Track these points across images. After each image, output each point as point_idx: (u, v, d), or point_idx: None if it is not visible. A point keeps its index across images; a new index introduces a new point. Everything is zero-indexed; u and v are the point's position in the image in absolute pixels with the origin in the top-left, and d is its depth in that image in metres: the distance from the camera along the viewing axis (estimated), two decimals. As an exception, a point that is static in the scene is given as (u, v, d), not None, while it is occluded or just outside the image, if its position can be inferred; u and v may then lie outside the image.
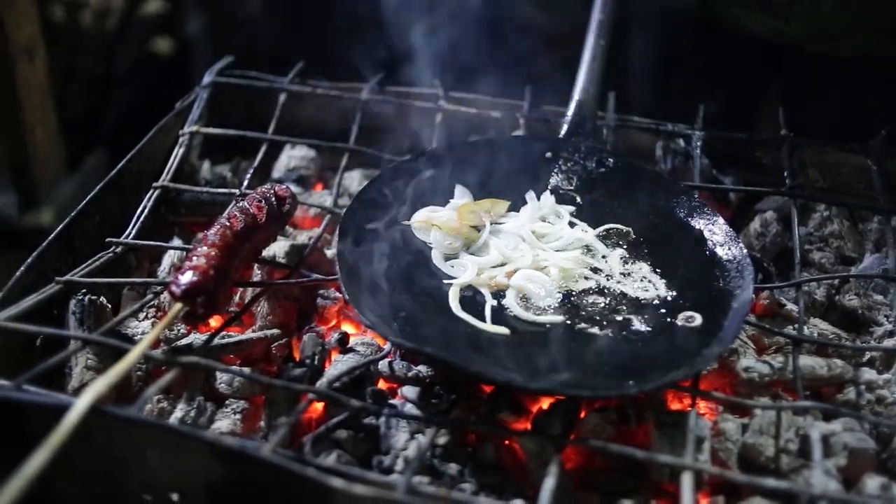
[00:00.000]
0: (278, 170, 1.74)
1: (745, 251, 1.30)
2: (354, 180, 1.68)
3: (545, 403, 1.18)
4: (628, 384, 1.11)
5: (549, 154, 1.54)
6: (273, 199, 1.33)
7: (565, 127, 1.56)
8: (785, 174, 1.53)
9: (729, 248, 1.33)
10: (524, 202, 1.47)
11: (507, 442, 1.14)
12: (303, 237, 1.52)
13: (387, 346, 1.25)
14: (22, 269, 1.28)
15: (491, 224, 1.40)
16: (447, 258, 1.36)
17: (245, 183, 1.54)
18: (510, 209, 1.46)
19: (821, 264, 1.50)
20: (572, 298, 1.29)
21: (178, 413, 1.20)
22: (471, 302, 1.28)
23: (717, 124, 1.66)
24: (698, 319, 1.24)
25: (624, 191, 1.48)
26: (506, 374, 1.12)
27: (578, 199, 1.49)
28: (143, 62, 3.19)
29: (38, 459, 0.83)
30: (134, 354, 1.03)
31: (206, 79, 1.75)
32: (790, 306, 1.36)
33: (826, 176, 1.64)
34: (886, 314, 1.39)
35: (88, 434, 0.98)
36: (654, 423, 1.14)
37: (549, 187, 1.50)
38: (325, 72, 1.80)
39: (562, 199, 1.49)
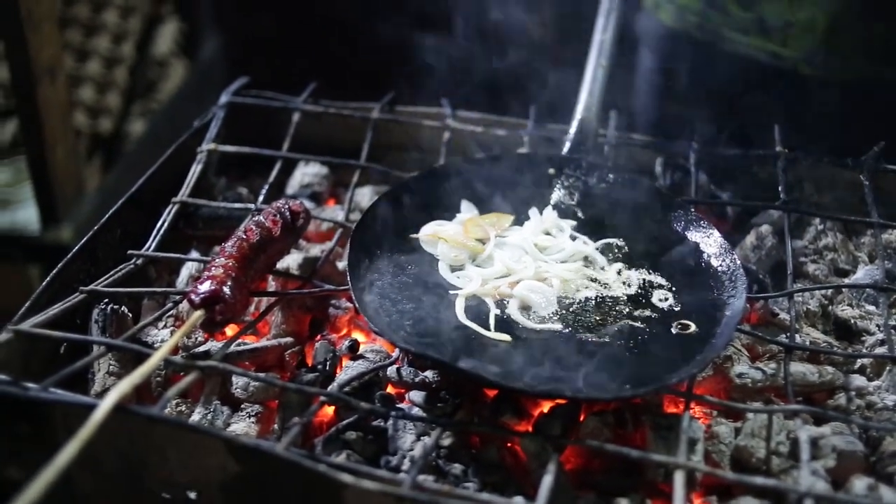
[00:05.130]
0: (292, 186, 1.80)
1: (738, 262, 1.35)
2: (365, 196, 1.74)
3: (546, 407, 1.23)
4: (624, 388, 1.17)
5: (552, 170, 1.59)
6: (287, 213, 1.39)
7: (568, 144, 1.62)
8: (780, 189, 1.58)
9: (723, 260, 1.38)
10: (528, 217, 1.53)
11: (508, 443, 1.20)
12: (316, 250, 1.58)
13: (395, 353, 1.30)
14: (48, 279, 1.33)
15: (495, 237, 1.46)
16: (453, 269, 1.42)
17: (260, 198, 1.60)
18: (514, 223, 1.51)
19: (815, 276, 1.54)
20: (572, 307, 1.35)
21: (195, 416, 1.26)
22: (476, 311, 1.33)
23: (716, 141, 1.71)
24: (692, 327, 1.29)
25: (623, 205, 1.53)
26: (508, 379, 1.17)
27: (580, 214, 1.55)
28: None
29: (68, 452, 0.89)
30: (157, 357, 1.09)
31: (223, 98, 1.82)
32: (783, 316, 1.40)
33: (821, 191, 1.69)
34: (878, 324, 1.43)
35: (112, 434, 1.04)
36: (650, 427, 1.19)
37: (552, 202, 1.56)
38: (338, 91, 1.86)
39: (564, 213, 1.54)
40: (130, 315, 1.40)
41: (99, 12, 3.30)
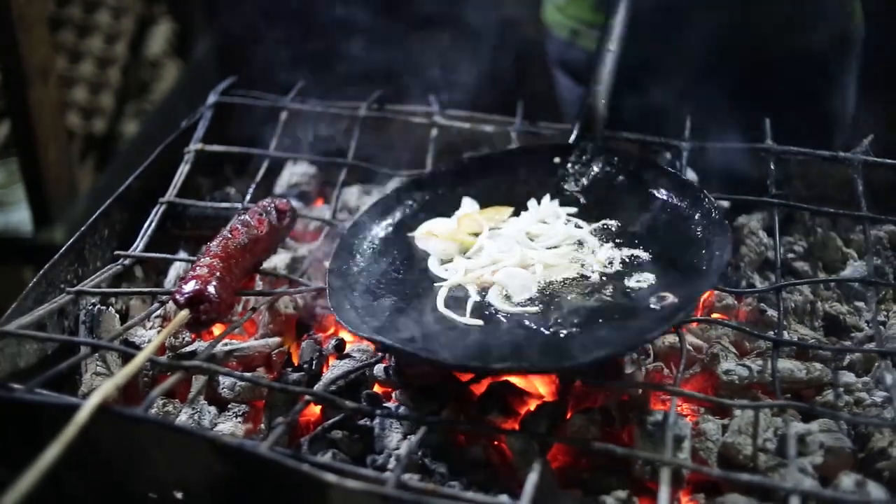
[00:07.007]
0: (280, 186, 1.80)
1: (729, 233, 1.31)
2: (353, 195, 1.73)
3: (532, 405, 1.23)
4: (597, 352, 1.15)
5: (557, 159, 1.56)
6: (273, 212, 1.39)
7: (575, 131, 1.58)
8: (768, 182, 1.57)
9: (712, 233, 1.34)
10: (527, 208, 1.50)
11: (495, 442, 1.19)
12: (303, 250, 1.58)
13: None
14: (34, 279, 1.33)
15: (490, 229, 1.44)
16: (443, 263, 1.41)
17: (247, 198, 1.59)
18: (516, 214, 1.49)
19: (804, 272, 1.54)
20: (550, 289, 1.32)
21: (182, 417, 1.26)
22: (460, 302, 1.31)
23: (705, 136, 1.70)
24: (670, 298, 1.25)
25: (627, 187, 1.50)
26: (479, 361, 1.18)
27: (582, 200, 1.51)
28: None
29: (51, 453, 0.88)
30: (141, 357, 1.09)
31: (211, 98, 1.81)
32: (771, 312, 1.40)
33: (810, 187, 1.69)
34: (867, 320, 1.43)
35: (97, 434, 1.03)
36: (637, 424, 1.18)
37: (553, 191, 1.53)
38: (326, 89, 1.86)
39: (566, 200, 1.51)
40: (118, 315, 1.40)
41: (91, 13, 3.30)
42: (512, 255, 1.38)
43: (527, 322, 1.26)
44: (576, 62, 2.05)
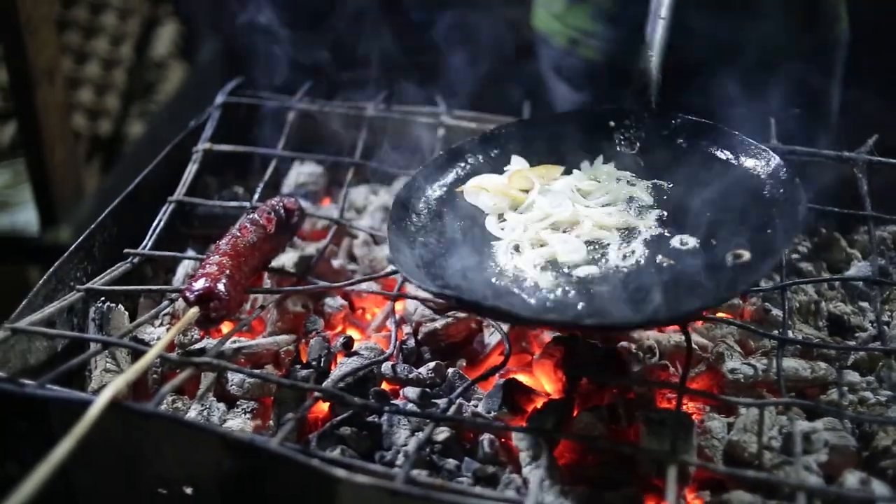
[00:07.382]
0: (288, 185, 1.81)
1: (801, 191, 1.27)
2: (361, 194, 1.74)
3: (539, 402, 1.24)
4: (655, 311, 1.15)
5: (612, 123, 1.53)
6: (281, 210, 1.40)
7: (629, 95, 1.54)
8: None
9: (779, 188, 1.31)
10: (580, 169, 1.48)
11: (503, 439, 1.20)
12: (311, 248, 1.59)
13: (389, 349, 1.31)
14: (45, 277, 1.34)
15: (541, 186, 1.41)
16: (499, 220, 1.38)
17: (255, 197, 1.60)
18: (567, 173, 1.47)
19: (808, 273, 1.55)
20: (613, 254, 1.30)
21: (191, 413, 1.26)
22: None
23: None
24: (746, 255, 1.21)
25: (686, 149, 1.47)
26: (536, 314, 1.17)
27: (641, 163, 1.48)
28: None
29: (63, 448, 0.89)
30: (151, 354, 1.09)
31: (219, 99, 1.83)
32: (776, 311, 1.41)
33: (815, 187, 1.69)
34: (871, 320, 1.43)
35: (107, 431, 1.04)
36: (643, 421, 1.19)
37: (607, 153, 1.50)
38: (333, 89, 1.87)
39: (623, 164, 1.49)
40: (127, 313, 1.41)
41: (98, 14, 3.31)
42: (563, 210, 1.35)
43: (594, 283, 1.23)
44: (573, 70, 2.05)
